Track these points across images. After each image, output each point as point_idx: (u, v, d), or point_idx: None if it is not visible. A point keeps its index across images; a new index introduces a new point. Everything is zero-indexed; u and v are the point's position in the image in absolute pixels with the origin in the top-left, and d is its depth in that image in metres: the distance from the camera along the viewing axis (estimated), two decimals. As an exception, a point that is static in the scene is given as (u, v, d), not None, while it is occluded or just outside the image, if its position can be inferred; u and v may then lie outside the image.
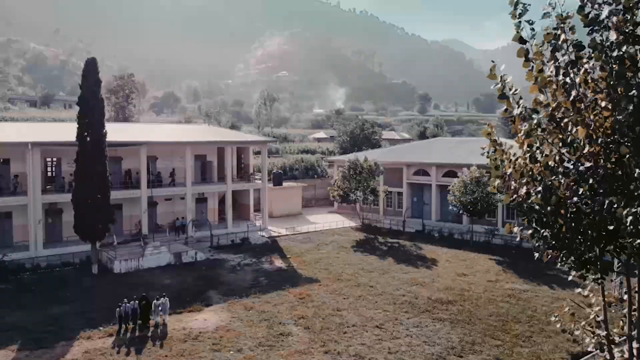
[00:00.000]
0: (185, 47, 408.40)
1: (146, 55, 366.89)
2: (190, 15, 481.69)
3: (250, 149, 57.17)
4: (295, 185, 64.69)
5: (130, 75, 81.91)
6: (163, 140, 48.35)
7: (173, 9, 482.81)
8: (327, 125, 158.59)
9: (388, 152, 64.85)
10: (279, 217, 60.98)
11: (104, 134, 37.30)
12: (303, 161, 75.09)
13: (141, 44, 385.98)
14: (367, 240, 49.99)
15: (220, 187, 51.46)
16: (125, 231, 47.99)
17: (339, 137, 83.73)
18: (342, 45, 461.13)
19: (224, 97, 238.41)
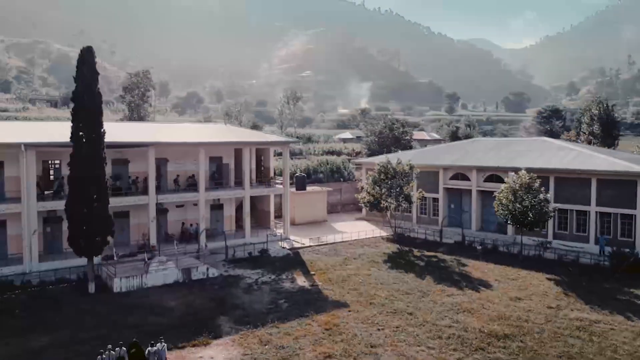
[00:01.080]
0: (209, 47, 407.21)
1: (169, 55, 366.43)
2: (214, 15, 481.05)
3: (271, 150, 52.15)
4: (319, 189, 59.49)
5: (146, 72, 77.75)
6: (173, 140, 43.49)
7: (196, 9, 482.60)
8: (352, 125, 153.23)
9: (421, 154, 59.22)
10: (301, 224, 55.85)
11: (102, 134, 32.61)
12: (328, 163, 69.84)
13: (164, 45, 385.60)
14: (401, 254, 44.47)
15: (237, 193, 46.52)
16: (133, 241, 43.43)
17: (367, 138, 78.26)
18: (366, 44, 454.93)
19: (247, 97, 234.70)
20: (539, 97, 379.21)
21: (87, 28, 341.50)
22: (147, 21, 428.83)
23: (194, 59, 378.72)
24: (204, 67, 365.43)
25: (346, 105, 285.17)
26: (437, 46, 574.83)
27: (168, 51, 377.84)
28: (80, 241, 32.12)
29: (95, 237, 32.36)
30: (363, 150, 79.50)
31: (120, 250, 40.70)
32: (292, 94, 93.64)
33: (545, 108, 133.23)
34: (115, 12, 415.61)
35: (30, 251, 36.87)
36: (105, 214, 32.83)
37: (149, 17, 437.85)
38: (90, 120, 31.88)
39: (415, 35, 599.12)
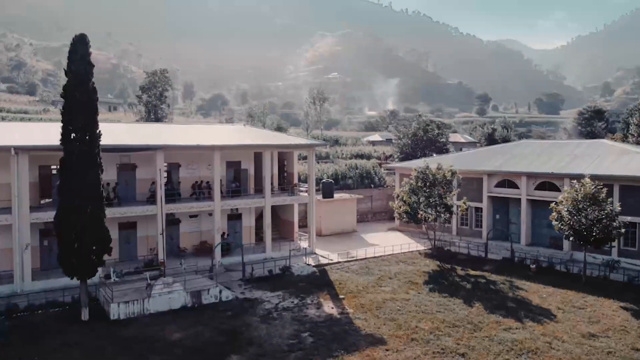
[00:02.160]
0: (235, 49, 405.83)
1: (195, 58, 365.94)
2: (240, 18, 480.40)
3: (295, 154, 47.08)
4: (348, 197, 54.21)
5: (164, 71, 73.68)
6: (184, 143, 38.70)
7: (222, 11, 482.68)
8: (381, 128, 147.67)
9: (461, 159, 53.49)
10: (328, 235, 50.73)
11: (98, 135, 27.97)
12: (357, 168, 64.53)
13: (191, 47, 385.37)
14: (443, 272, 38.88)
15: (257, 201, 41.53)
16: (140, 256, 38.84)
17: (399, 140, 72.66)
18: (394, 45, 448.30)
19: (272, 99, 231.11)
20: (572, 99, 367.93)
21: (114, 31, 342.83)
22: (174, 24, 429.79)
23: (220, 62, 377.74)
24: (230, 69, 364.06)
25: (373, 107, 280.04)
26: (465, 47, 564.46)
27: (194, 54, 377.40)
28: (72, 260, 27.48)
29: (90, 256, 27.70)
30: (395, 153, 73.93)
31: (126, 266, 36.24)
32: (319, 94, 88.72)
33: (587, 109, 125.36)
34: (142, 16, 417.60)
35: (21, 269, 32.54)
36: (101, 228, 28.15)
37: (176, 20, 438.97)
38: (83, 120, 27.25)
39: (444, 36, 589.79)
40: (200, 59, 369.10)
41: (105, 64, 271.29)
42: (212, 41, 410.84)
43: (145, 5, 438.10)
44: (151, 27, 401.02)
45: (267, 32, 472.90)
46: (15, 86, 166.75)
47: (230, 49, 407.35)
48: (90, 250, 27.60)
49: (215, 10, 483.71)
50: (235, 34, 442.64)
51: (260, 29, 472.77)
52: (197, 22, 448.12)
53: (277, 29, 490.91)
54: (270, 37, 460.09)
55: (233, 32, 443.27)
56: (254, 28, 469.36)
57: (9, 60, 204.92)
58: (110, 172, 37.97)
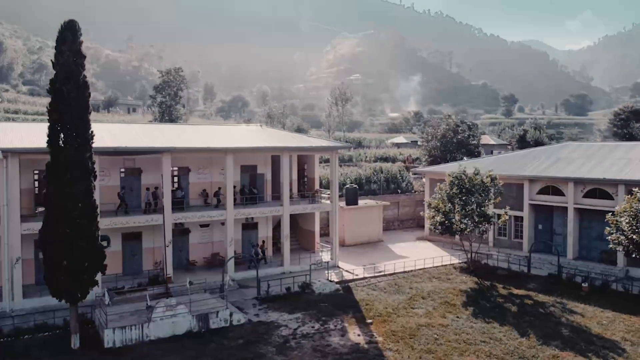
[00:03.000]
0: (257, 51, 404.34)
1: (217, 60, 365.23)
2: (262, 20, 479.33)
3: (316, 157, 43.07)
4: (374, 203, 50.03)
5: (178, 70, 70.39)
6: (193, 145, 34.93)
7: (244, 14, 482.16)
8: (405, 129, 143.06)
9: (497, 162, 48.91)
10: (352, 245, 46.65)
11: (89, 136, 24.35)
12: (382, 171, 60.25)
13: (213, 49, 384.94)
14: (482, 291, 34.48)
15: (274, 210, 37.59)
16: (146, 270, 35.25)
17: (426, 143, 68.17)
18: (417, 46, 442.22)
19: (294, 101, 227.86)
20: (601, 100, 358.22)
21: (136, 34, 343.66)
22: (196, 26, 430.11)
23: (241, 64, 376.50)
24: (252, 71, 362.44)
25: (395, 108, 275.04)
26: (490, 48, 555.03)
27: (216, 56, 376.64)
28: (59, 281, 23.88)
29: (80, 275, 24.07)
30: (422, 156, 69.44)
31: (128, 281, 32.66)
32: (341, 94, 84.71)
33: (623, 109, 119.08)
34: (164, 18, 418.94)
35: (11, 286, 29.16)
36: (93, 243, 24.52)
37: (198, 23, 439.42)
38: (72, 119, 23.65)
39: (467, 37, 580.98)
40: (222, 61, 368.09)
41: (126, 66, 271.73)
42: (234, 44, 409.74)
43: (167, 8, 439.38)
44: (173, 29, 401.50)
45: (289, 34, 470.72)
46: (37, 88, 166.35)
47: (252, 51, 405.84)
48: (80, 269, 23.97)
49: (237, 13, 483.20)
50: (257, 36, 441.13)
51: (282, 31, 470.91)
52: (219, 24, 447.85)
53: (299, 31, 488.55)
54: (292, 39, 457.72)
55: (255, 35, 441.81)
56: (276, 30, 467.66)
57: (31, 62, 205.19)
58: (113, 177, 34.56)
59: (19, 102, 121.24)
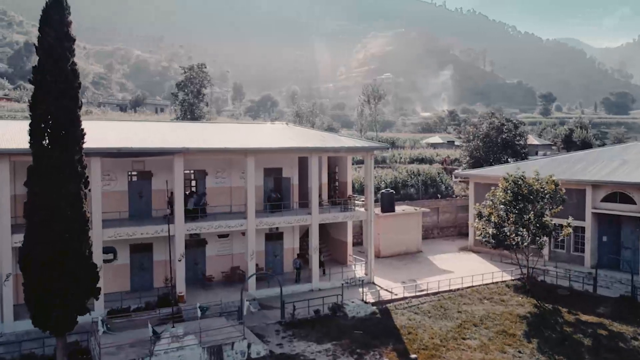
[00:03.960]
0: (286, 51, 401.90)
1: (246, 60, 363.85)
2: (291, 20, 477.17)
3: (349, 159, 38.41)
4: (412, 210, 45.17)
5: (202, 66, 66.62)
6: (208, 146, 30.62)
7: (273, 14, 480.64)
8: (439, 129, 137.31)
9: (552, 165, 43.43)
10: (388, 257, 41.95)
11: (79, 135, 20.34)
12: (420, 174, 55.26)
13: (241, 50, 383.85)
14: (545, 316, 29.37)
15: (301, 218, 33.08)
16: (157, 287, 31.21)
17: (467, 143, 62.81)
18: (449, 45, 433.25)
19: (323, 101, 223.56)
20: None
21: (166, 35, 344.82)
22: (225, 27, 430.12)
23: (271, 64, 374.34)
24: (281, 71, 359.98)
25: (427, 108, 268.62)
26: (524, 46, 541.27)
27: (245, 56, 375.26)
28: (42, 308, 19.91)
29: (68, 301, 20.07)
30: (463, 157, 64.05)
31: (135, 300, 28.64)
32: (374, 92, 79.96)
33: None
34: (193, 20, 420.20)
35: (0, 305, 25.41)
36: (83, 263, 20.49)
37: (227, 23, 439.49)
38: (58, 114, 19.65)
39: (501, 35, 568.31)
40: (251, 61, 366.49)
41: (156, 66, 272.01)
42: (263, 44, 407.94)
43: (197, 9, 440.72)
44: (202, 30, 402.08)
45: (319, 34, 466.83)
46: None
47: (281, 51, 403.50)
48: (67, 294, 19.94)
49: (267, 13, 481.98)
50: (286, 36, 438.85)
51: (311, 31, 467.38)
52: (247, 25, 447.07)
53: (328, 30, 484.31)
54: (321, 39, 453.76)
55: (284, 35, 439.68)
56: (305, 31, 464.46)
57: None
58: (120, 182, 30.61)
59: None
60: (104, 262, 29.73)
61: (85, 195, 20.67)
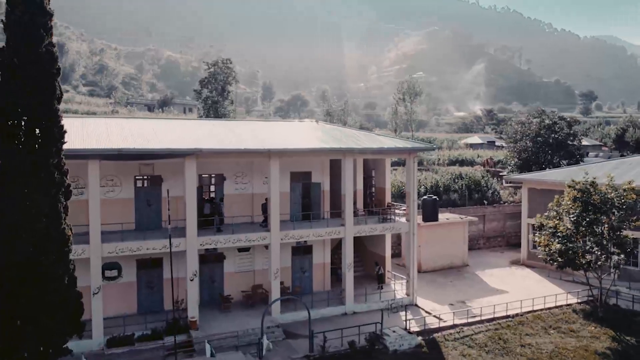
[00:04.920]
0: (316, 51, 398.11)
1: (276, 60, 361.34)
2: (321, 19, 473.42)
3: (387, 162, 33.66)
4: (457, 219, 40.19)
5: (226, 61, 62.65)
6: (225, 147, 26.27)
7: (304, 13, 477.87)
8: (476, 129, 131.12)
9: (622, 169, 37.94)
10: (430, 271, 37.19)
11: (58, 133, 16.28)
12: (463, 177, 50.16)
13: (271, 49, 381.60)
14: (628, 354, 24.21)
15: (333, 231, 28.55)
16: (167, 308, 27.12)
17: (514, 143, 57.26)
18: (483, 43, 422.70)
19: (355, 100, 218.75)
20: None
21: (197, 35, 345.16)
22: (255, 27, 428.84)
23: (301, 63, 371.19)
24: (311, 71, 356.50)
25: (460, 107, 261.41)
26: (561, 43, 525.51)
27: (275, 56, 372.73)
28: (10, 350, 15.89)
29: (42, 338, 16.03)
30: (510, 159, 58.49)
31: (140, 325, 24.60)
32: (409, 89, 74.99)
33: None
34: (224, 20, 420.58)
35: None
36: (64, 292, 16.43)
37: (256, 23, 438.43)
38: (28, 107, 15.61)
39: (536, 32, 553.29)
40: (281, 61, 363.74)
41: (186, 67, 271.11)
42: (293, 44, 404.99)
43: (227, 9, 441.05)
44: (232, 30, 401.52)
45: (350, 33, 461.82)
46: (97, 89, 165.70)
47: (311, 51, 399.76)
48: (41, 329, 15.89)
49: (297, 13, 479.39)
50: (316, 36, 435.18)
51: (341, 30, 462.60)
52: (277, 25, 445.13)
53: (359, 30, 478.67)
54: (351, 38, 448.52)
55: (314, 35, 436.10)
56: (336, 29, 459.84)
57: (94, 64, 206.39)
58: (125, 188, 26.65)
59: (74, 101, 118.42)
60: (106, 280, 25.97)
61: (65, 208, 16.62)
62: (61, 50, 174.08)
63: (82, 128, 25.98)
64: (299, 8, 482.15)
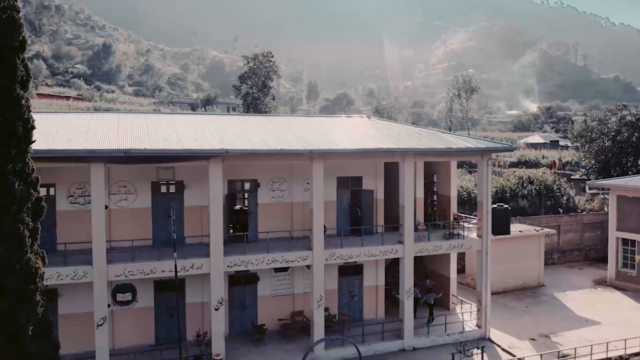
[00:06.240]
0: (361, 50, 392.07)
1: (321, 59, 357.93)
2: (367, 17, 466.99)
3: (453, 165, 28.16)
4: (532, 231, 34.34)
5: (268, 54, 58.30)
6: (257, 147, 21.40)
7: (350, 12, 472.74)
8: (533, 127, 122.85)
9: None
10: (501, 293, 31.61)
11: (25, 130, 11.90)
12: (533, 182, 44.02)
13: (316, 48, 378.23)
14: None
15: (389, 248, 23.44)
16: (191, 338, 22.69)
17: (591, 143, 50.53)
18: (536, 39, 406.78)
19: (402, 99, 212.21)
20: None
21: (241, 35, 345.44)
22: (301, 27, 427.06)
23: (346, 62, 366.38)
24: (357, 69, 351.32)
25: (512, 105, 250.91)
26: (620, 38, 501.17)
27: (321, 55, 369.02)
28: None
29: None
30: (584, 161, 51.79)
31: None
32: (465, 83, 68.75)
33: None
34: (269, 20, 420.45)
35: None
36: (34, 344, 12.04)
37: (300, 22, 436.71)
38: None
39: (593, 27, 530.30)
40: (326, 60, 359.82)
41: (231, 67, 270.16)
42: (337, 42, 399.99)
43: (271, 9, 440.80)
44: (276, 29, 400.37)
45: (396, 31, 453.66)
46: (142, 89, 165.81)
47: (356, 49, 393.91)
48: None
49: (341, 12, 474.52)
50: (360, 34, 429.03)
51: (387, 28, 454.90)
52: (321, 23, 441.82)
53: (405, 27, 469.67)
54: (398, 36, 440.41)
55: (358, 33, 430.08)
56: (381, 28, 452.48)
57: (140, 65, 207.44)
58: (141, 196, 22.35)
59: (117, 101, 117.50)
60: (118, 305, 21.81)
61: (33, 230, 12.26)
62: (108, 51, 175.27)
63: (89, 125, 21.87)
64: (343, 6, 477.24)
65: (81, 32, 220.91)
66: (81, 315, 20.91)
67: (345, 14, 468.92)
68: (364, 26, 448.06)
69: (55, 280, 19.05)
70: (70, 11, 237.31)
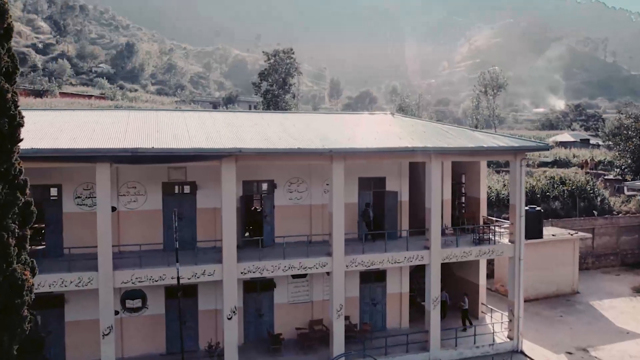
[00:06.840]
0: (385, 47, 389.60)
1: (344, 56, 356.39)
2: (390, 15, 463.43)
3: (482, 165, 26.42)
4: (566, 235, 32.41)
5: (289, 51, 57.05)
6: (273, 146, 19.98)
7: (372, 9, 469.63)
8: (562, 126, 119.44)
9: None
10: (532, 300, 29.83)
11: (12, 125, 10.73)
12: (565, 182, 41.89)
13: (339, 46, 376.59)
14: None
15: (414, 254, 21.90)
16: (203, 346, 21.50)
17: (627, 141, 48.06)
18: (563, 35, 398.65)
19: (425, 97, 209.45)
20: None
21: (264, 33, 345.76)
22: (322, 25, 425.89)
23: (368, 60, 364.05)
24: (380, 67, 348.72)
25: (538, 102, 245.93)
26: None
27: (343, 53, 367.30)
28: None
29: None
30: (624, 161, 49.26)
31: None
32: (492, 80, 66.47)
33: None
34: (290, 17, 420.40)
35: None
36: None
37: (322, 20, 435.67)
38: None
39: (622, 23, 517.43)
40: (349, 58, 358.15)
41: (253, 65, 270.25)
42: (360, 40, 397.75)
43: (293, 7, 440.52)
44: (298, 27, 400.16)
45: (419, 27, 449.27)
46: (165, 88, 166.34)
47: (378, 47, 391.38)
48: None
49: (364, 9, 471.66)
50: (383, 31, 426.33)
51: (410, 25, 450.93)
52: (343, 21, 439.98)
53: (429, 24, 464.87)
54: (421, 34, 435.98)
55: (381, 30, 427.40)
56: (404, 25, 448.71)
57: (163, 64, 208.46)
58: (151, 198, 21.21)
59: (140, 100, 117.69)
60: (127, 312, 20.73)
61: (21, 238, 11.10)
62: (131, 51, 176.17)
63: (96, 122, 20.80)
64: (366, 4, 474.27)
65: (105, 31, 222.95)
66: (89, 322, 19.87)
67: (369, 11, 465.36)
68: (387, 23, 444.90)
69: (59, 286, 18.03)
70: (95, 11, 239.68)
